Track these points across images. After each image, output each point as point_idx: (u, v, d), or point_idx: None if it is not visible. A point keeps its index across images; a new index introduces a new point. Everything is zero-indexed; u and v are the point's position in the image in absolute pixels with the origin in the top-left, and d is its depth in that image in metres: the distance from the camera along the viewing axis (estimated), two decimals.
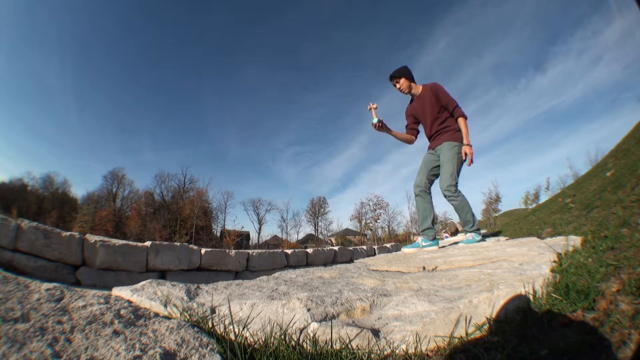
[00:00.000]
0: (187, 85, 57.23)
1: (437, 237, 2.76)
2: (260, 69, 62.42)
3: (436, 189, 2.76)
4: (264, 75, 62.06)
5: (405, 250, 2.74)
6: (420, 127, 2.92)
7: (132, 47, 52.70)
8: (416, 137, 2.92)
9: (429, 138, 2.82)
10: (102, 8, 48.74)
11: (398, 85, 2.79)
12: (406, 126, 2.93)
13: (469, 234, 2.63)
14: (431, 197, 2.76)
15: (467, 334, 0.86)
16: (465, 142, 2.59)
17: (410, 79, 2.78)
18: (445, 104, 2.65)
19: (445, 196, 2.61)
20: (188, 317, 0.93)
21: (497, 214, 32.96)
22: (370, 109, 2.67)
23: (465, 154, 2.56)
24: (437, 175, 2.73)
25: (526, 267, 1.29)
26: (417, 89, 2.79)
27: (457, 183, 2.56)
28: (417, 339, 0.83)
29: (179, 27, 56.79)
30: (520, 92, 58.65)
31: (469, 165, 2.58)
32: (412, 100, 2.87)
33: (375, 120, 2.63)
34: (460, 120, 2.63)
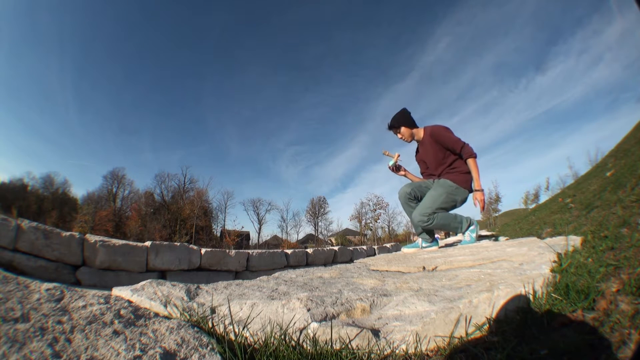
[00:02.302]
0: (187, 85, 57.54)
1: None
2: (260, 69, 62.68)
3: None
4: (264, 75, 62.33)
5: (405, 250, 2.74)
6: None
7: (132, 47, 52.95)
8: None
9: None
10: (102, 8, 48.83)
11: (399, 136, 2.67)
12: (422, 172, 2.84)
13: (466, 235, 2.62)
14: (417, 203, 2.69)
15: (467, 334, 0.86)
16: (476, 186, 2.40)
17: (411, 125, 2.63)
18: (451, 148, 2.46)
19: (420, 226, 2.53)
20: (188, 317, 0.93)
21: (497, 214, 33.00)
22: (385, 153, 2.77)
23: (477, 200, 2.40)
24: (422, 195, 2.63)
25: (526, 267, 1.29)
26: (419, 133, 2.65)
27: (431, 212, 2.43)
28: (417, 338, 0.83)
29: (179, 27, 57.07)
30: (521, 92, 58.98)
31: (482, 211, 2.47)
32: (417, 147, 2.78)
33: (391, 163, 2.72)
34: (470, 162, 2.42)
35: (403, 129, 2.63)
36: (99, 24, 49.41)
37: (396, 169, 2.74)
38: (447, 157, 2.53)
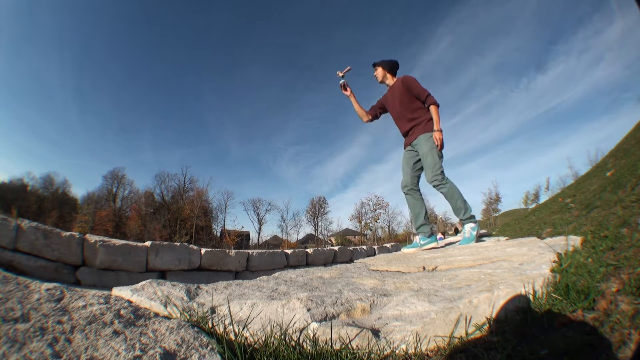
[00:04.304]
0: (188, 85, 57.48)
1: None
2: (261, 68, 62.64)
3: (423, 182, 2.78)
4: (264, 74, 62.31)
5: (405, 250, 2.74)
6: (389, 119, 2.99)
7: (132, 46, 52.94)
8: (371, 119, 3.00)
9: (404, 134, 2.84)
10: (102, 7, 48.84)
11: (375, 73, 2.91)
12: (371, 106, 3.04)
13: (466, 230, 2.60)
14: (420, 194, 2.79)
15: (467, 334, 0.86)
16: (435, 127, 2.60)
17: (389, 70, 2.86)
18: (417, 94, 2.68)
19: (434, 186, 2.61)
20: (188, 317, 0.93)
21: (497, 214, 32.98)
22: (338, 74, 2.90)
23: (436, 139, 2.58)
24: (421, 170, 2.75)
25: (526, 267, 1.29)
26: (392, 81, 2.87)
27: (442, 171, 2.58)
28: (417, 339, 0.83)
29: (180, 26, 57.10)
30: (522, 92, 58.94)
31: (440, 150, 2.60)
32: (387, 92, 2.96)
33: (342, 81, 2.89)
34: (432, 108, 2.64)
35: (380, 69, 2.88)
36: (99, 22, 49.45)
37: (344, 87, 2.91)
38: (412, 103, 2.72)
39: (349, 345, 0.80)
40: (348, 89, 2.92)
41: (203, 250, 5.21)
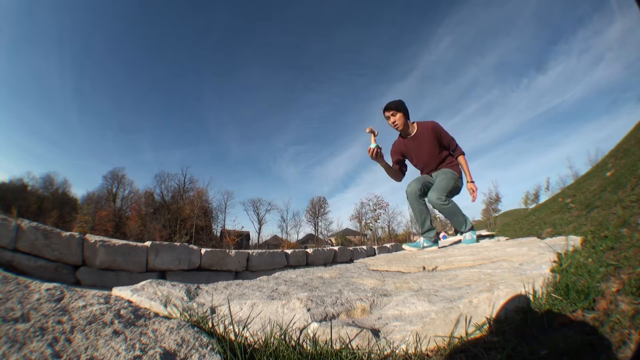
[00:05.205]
0: (188, 85, 57.33)
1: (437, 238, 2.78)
2: (261, 68, 62.46)
3: None
4: (265, 74, 62.11)
5: (406, 247, 2.75)
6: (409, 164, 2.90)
7: (132, 46, 52.86)
8: (403, 177, 2.82)
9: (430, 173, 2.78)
10: (102, 6, 48.83)
11: (393, 119, 2.58)
12: (394, 163, 2.80)
13: (467, 234, 2.64)
14: (425, 201, 2.75)
15: (467, 334, 0.86)
16: (468, 179, 2.64)
17: (407, 115, 2.62)
18: (447, 144, 2.66)
19: (435, 205, 2.54)
20: (188, 317, 0.93)
21: (497, 214, 32.99)
22: (370, 131, 2.40)
23: (472, 190, 2.62)
24: (428, 188, 2.68)
25: (526, 267, 1.29)
26: (412, 127, 2.65)
27: (447, 195, 2.52)
28: (417, 339, 0.83)
29: (180, 26, 56.97)
30: (522, 92, 58.94)
31: (473, 201, 2.66)
32: (402, 137, 2.73)
33: (373, 145, 2.38)
34: (461, 159, 2.67)
35: (400, 115, 2.57)
36: (99, 22, 49.37)
37: (377, 154, 2.41)
38: (441, 152, 2.69)
39: (349, 345, 0.80)
40: (380, 153, 2.42)
41: (203, 250, 5.21)
